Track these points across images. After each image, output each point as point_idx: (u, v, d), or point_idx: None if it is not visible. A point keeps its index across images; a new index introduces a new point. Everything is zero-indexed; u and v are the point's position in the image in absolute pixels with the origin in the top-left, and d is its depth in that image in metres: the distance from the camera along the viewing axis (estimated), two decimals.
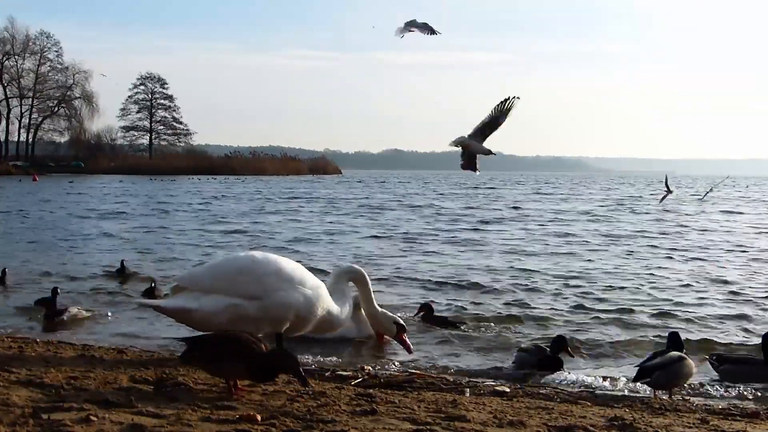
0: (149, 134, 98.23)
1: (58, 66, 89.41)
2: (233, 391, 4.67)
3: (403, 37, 7.50)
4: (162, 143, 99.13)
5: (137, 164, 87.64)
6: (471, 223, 23.79)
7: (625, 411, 5.04)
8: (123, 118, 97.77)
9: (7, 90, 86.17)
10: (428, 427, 4.10)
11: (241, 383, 4.80)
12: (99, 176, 74.41)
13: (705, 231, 21.93)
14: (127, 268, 11.46)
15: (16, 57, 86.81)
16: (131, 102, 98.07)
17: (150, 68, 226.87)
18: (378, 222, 24.48)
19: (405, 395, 5.06)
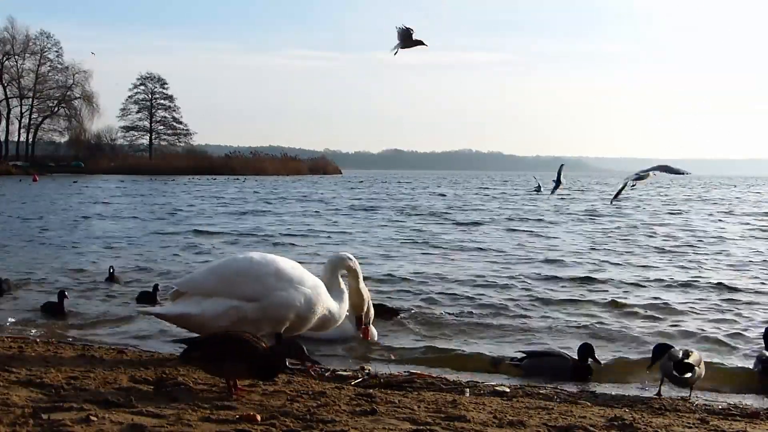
0: (149, 134, 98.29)
1: (58, 66, 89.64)
2: (233, 391, 4.67)
3: (396, 54, 7.60)
4: (162, 143, 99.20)
5: (137, 164, 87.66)
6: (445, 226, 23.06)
7: (625, 411, 5.04)
8: (123, 118, 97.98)
9: (7, 90, 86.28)
10: (428, 427, 4.10)
11: (241, 383, 4.80)
12: (99, 176, 74.44)
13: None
14: (117, 276, 11.11)
15: (16, 57, 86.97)
16: (131, 102, 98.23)
17: (150, 68, 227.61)
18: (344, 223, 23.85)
19: (405, 395, 5.06)
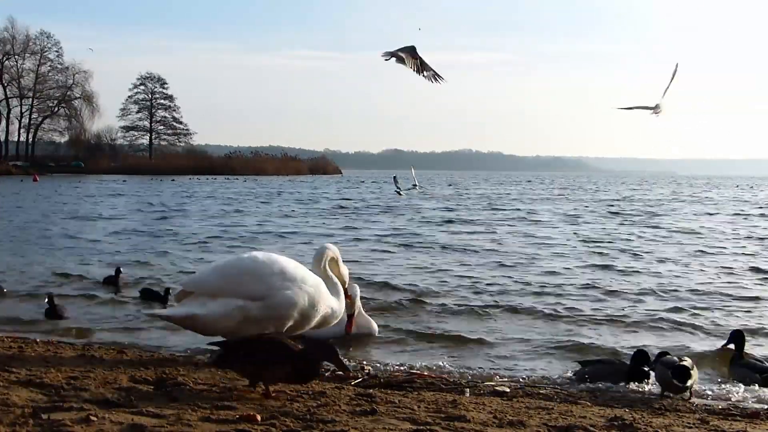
0: (149, 134, 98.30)
1: (58, 66, 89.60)
2: (270, 393, 4.68)
3: (388, 60, 7.54)
4: (162, 143, 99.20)
5: (137, 164, 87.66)
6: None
7: (625, 411, 5.04)
8: (123, 118, 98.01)
9: (7, 90, 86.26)
10: (428, 427, 4.10)
11: (273, 386, 4.80)
12: (101, 176, 74.41)
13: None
14: (122, 277, 10.83)
15: (16, 57, 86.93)
16: (131, 102, 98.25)
17: (150, 68, 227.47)
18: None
19: (405, 395, 5.06)
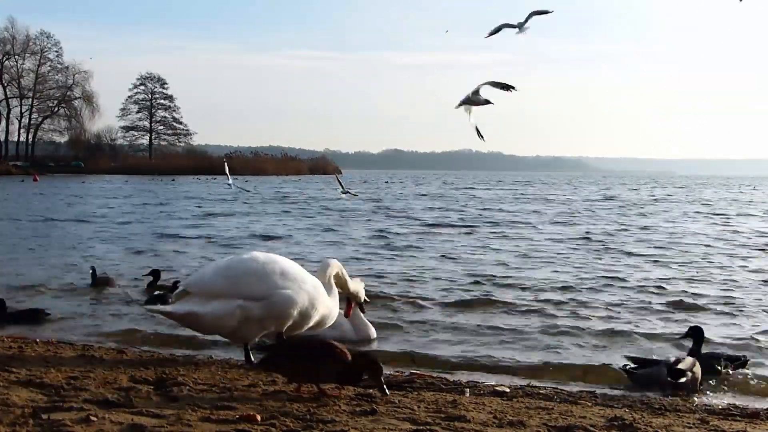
0: (149, 134, 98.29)
1: (58, 66, 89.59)
2: (325, 393, 4.74)
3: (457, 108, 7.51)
4: (162, 143, 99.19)
5: (137, 164, 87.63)
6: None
7: (625, 411, 5.04)
8: (123, 118, 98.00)
9: (7, 90, 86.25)
10: (428, 427, 4.10)
11: (308, 387, 4.83)
12: (102, 176, 74.48)
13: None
14: (101, 276, 10.76)
15: (16, 57, 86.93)
16: (131, 102, 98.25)
17: (150, 68, 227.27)
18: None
19: (405, 395, 5.06)
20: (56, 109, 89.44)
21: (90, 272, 10.81)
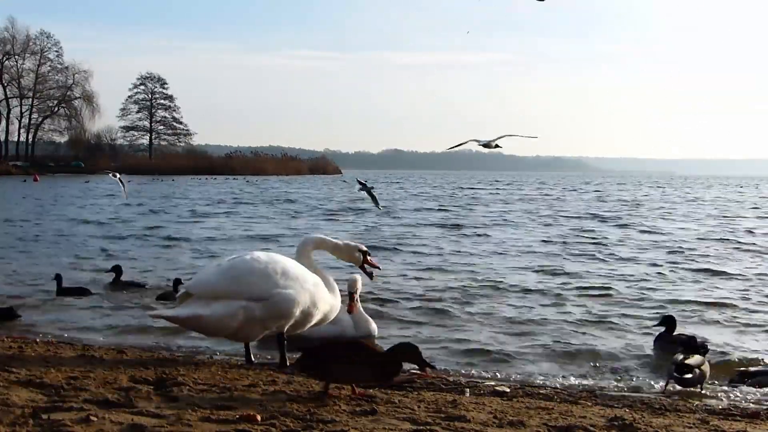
0: (149, 134, 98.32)
1: (58, 66, 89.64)
2: (356, 392, 4.77)
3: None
4: (162, 143, 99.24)
5: (137, 164, 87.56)
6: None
7: (625, 411, 5.04)
8: (123, 118, 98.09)
9: (7, 90, 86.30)
10: (428, 427, 4.10)
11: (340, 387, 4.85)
12: (104, 176, 74.38)
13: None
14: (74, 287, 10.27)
15: (17, 57, 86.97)
16: (131, 102, 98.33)
17: (150, 68, 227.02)
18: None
19: (405, 395, 5.06)
20: (56, 109, 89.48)
21: (54, 279, 10.03)
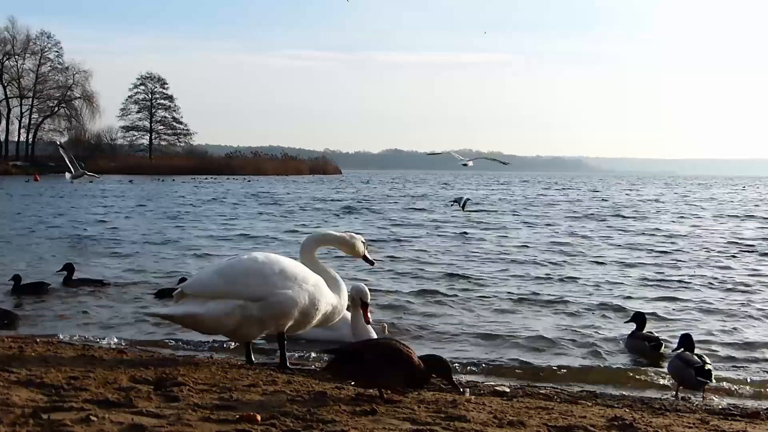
0: (149, 134, 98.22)
1: (58, 66, 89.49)
2: (384, 397, 4.74)
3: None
4: (162, 143, 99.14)
5: (137, 164, 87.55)
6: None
7: (625, 411, 5.04)
8: (123, 118, 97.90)
9: (7, 90, 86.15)
10: (428, 427, 4.10)
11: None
12: (107, 176, 74.41)
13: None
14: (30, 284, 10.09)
15: (17, 57, 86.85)
16: (131, 102, 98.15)
17: (150, 68, 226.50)
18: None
19: (405, 395, 5.06)
20: (56, 109, 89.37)
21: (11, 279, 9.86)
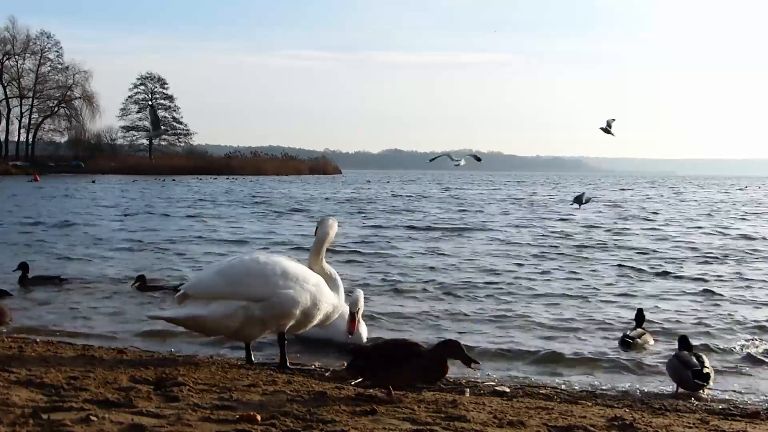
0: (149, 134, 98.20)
1: (58, 66, 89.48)
2: (400, 397, 4.80)
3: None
4: (162, 143, 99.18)
5: (137, 164, 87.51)
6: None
7: (625, 411, 5.05)
8: (123, 118, 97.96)
9: (7, 90, 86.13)
10: (428, 427, 4.10)
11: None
12: (108, 176, 74.46)
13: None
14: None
15: (17, 57, 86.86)
16: (131, 102, 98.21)
17: (150, 68, 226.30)
18: None
19: (405, 395, 5.06)
20: (56, 109, 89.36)
21: None
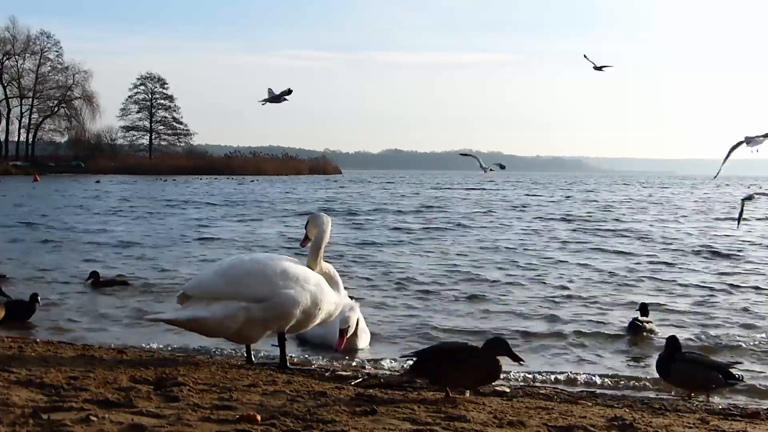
0: (149, 134, 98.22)
1: (59, 66, 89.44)
2: (451, 397, 4.87)
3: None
4: (162, 143, 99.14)
5: (137, 164, 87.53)
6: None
7: (625, 411, 5.04)
8: (123, 118, 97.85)
9: (7, 90, 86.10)
10: (428, 427, 4.10)
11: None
12: (109, 176, 74.41)
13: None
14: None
15: (17, 57, 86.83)
16: (131, 102, 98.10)
17: (150, 68, 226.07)
18: None
19: (405, 395, 5.06)
20: (56, 109, 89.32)
21: None
